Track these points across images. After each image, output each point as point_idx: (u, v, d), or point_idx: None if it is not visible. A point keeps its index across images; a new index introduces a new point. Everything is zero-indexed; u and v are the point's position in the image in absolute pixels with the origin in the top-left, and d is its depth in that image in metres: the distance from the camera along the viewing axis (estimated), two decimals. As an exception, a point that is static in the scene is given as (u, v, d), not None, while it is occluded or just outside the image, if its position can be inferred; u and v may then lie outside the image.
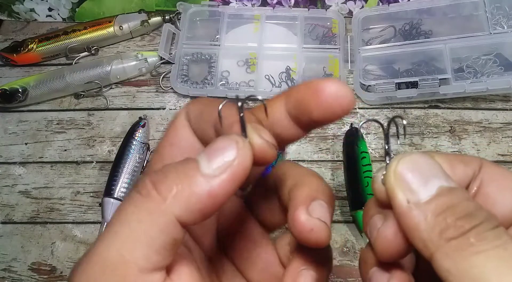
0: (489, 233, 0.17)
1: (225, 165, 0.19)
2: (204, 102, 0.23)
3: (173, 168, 0.19)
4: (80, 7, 0.71)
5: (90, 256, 0.18)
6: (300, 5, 0.68)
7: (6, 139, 0.62)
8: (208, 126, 0.22)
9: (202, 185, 0.18)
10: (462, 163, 0.22)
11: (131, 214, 0.18)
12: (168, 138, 0.23)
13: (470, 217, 0.18)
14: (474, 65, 0.60)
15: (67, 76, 0.63)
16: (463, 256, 0.17)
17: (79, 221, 0.57)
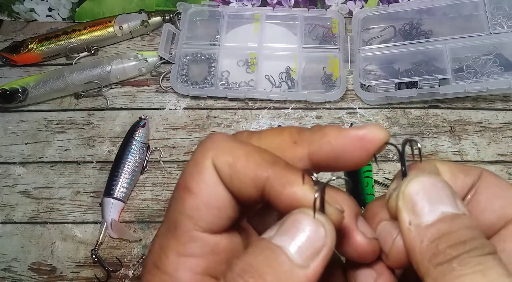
0: (473, 259, 0.18)
1: (316, 251, 0.18)
2: (234, 151, 0.20)
3: (266, 265, 0.18)
4: (80, 7, 0.71)
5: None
6: (300, 5, 0.68)
7: (6, 139, 0.62)
8: (247, 186, 0.20)
9: (302, 280, 0.18)
10: (463, 173, 0.22)
11: None
12: (195, 192, 0.20)
13: (461, 245, 0.18)
14: (474, 65, 0.60)
15: (67, 76, 0.63)
16: (446, 280, 0.18)
17: (79, 221, 0.57)
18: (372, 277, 0.21)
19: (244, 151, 0.20)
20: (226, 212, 0.21)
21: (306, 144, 0.21)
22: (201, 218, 0.21)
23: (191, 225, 0.21)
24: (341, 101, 0.62)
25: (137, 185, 0.58)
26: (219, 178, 0.20)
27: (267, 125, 0.61)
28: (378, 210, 0.22)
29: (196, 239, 0.21)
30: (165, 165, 0.59)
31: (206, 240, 0.21)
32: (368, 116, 0.61)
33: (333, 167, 0.21)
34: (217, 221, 0.21)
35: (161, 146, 0.61)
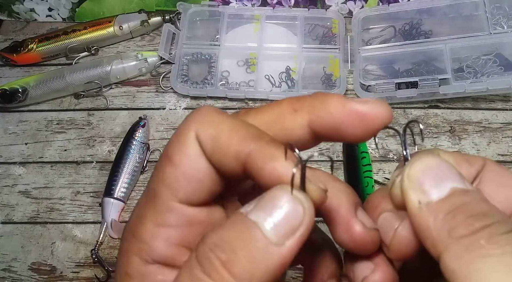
0: (501, 237, 0.16)
1: (292, 229, 0.18)
2: (218, 125, 0.20)
3: (239, 241, 0.17)
4: (80, 7, 0.71)
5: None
6: (300, 5, 0.68)
7: (6, 139, 0.62)
8: (229, 160, 0.19)
9: (275, 258, 0.17)
10: (467, 162, 0.22)
11: None
12: (176, 163, 0.20)
13: (482, 216, 0.17)
14: (474, 65, 0.60)
15: (67, 76, 0.63)
16: (470, 258, 0.16)
17: (79, 221, 0.57)
18: (370, 268, 0.21)
19: (229, 125, 0.20)
20: (207, 185, 0.20)
21: (306, 111, 0.20)
22: (180, 189, 0.20)
23: (169, 195, 0.20)
24: (341, 101, 0.62)
25: (137, 185, 0.58)
26: (201, 150, 0.20)
27: (267, 125, 0.61)
28: (379, 201, 0.21)
29: (173, 210, 0.20)
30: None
31: (183, 211, 0.20)
32: (368, 116, 0.61)
33: (333, 138, 0.21)
34: (196, 194, 0.20)
35: (161, 146, 0.61)
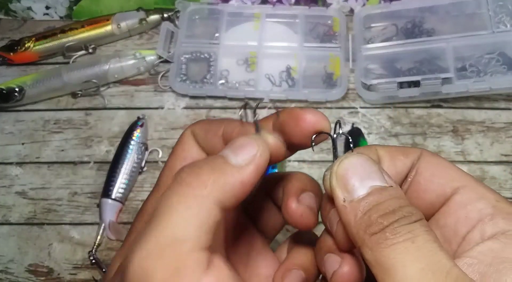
0: (403, 228, 0.20)
1: (250, 158, 0.22)
2: (207, 122, 0.27)
3: (204, 163, 0.22)
4: (78, 5, 0.70)
5: (144, 241, 0.20)
6: (300, 3, 0.67)
7: (3, 139, 0.62)
8: (216, 140, 0.25)
9: (235, 175, 0.22)
10: (403, 154, 0.25)
11: (177, 203, 0.20)
12: (177, 155, 0.27)
13: (391, 214, 0.20)
14: (477, 64, 0.59)
15: (64, 75, 0.62)
16: (379, 249, 0.20)
17: (77, 222, 0.56)
18: (338, 262, 0.24)
19: (212, 120, 0.27)
20: None
21: (274, 116, 0.25)
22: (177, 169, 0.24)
23: (169, 174, 0.26)
24: (342, 101, 0.61)
25: (135, 185, 0.57)
26: (195, 141, 0.26)
27: (267, 125, 0.61)
28: (326, 201, 0.25)
29: None
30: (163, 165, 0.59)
31: None
32: (370, 116, 0.60)
33: (283, 135, 0.24)
34: None
35: (160, 146, 0.60)
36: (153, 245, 0.20)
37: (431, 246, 0.19)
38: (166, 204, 0.21)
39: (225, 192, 0.21)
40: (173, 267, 0.19)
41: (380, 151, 0.25)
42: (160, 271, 0.19)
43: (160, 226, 0.20)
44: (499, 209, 0.22)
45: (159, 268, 0.19)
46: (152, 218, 0.21)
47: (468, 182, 0.23)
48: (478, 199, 0.23)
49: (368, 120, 0.60)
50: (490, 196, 0.23)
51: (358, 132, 0.58)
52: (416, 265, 0.19)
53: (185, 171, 0.21)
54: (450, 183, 0.24)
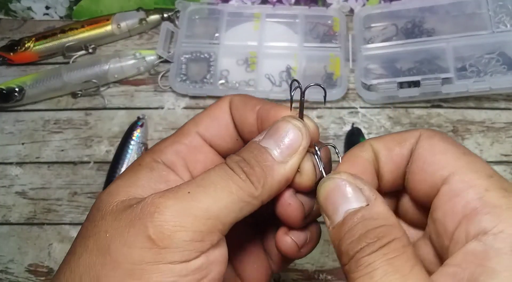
0: (363, 260, 0.20)
1: (294, 151, 0.24)
2: (247, 96, 0.28)
3: (254, 160, 0.23)
4: (78, 5, 0.70)
5: (190, 201, 0.22)
6: (300, 3, 0.67)
7: (3, 139, 0.62)
8: (251, 114, 0.27)
9: (281, 173, 0.23)
10: (399, 144, 0.25)
11: (235, 190, 0.22)
12: (209, 113, 0.28)
13: (355, 243, 0.21)
14: (477, 64, 0.59)
15: (64, 75, 0.62)
16: (350, 279, 0.21)
17: (76, 222, 0.56)
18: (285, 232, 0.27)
19: (251, 96, 0.28)
20: (224, 133, 0.27)
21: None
22: (202, 123, 0.27)
23: (192, 125, 0.27)
24: (342, 101, 0.61)
25: (135, 185, 0.57)
26: (229, 109, 0.28)
27: (267, 125, 0.61)
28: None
29: (190, 134, 0.27)
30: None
31: (196, 138, 0.27)
32: (370, 116, 0.60)
33: None
34: (215, 135, 0.27)
35: (160, 146, 0.60)
36: (185, 209, 0.21)
37: (385, 280, 0.19)
38: (224, 184, 0.23)
39: (272, 192, 0.23)
40: (200, 235, 0.21)
41: (375, 145, 0.25)
42: (172, 221, 0.21)
43: (202, 196, 0.22)
44: (486, 200, 0.21)
45: (188, 229, 0.21)
46: (192, 183, 0.23)
47: (459, 168, 0.22)
48: (465, 189, 0.21)
49: (368, 120, 0.60)
50: (479, 183, 0.21)
51: (358, 132, 0.58)
52: None
53: (239, 166, 0.23)
54: (441, 171, 0.22)
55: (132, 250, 0.21)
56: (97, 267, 0.21)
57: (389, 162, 0.24)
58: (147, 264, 0.20)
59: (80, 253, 0.22)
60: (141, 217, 0.21)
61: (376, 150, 0.25)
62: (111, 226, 0.22)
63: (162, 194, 0.22)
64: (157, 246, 0.21)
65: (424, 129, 0.24)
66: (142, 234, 0.21)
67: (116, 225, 0.22)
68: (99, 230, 0.22)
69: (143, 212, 0.21)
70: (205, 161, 0.27)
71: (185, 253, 0.21)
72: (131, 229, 0.21)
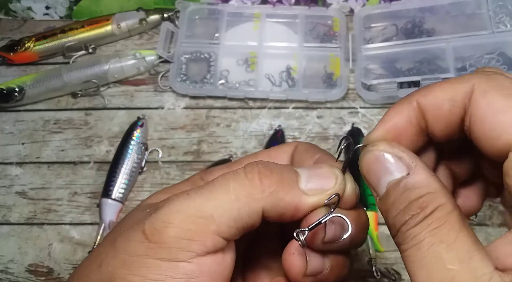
0: (409, 232, 0.20)
1: (319, 190, 0.23)
2: (312, 144, 0.28)
3: (278, 169, 0.23)
4: (78, 5, 0.70)
5: (184, 200, 0.22)
6: (300, 3, 0.67)
7: (3, 139, 0.62)
8: (309, 161, 0.27)
9: (295, 197, 0.22)
10: (449, 101, 0.21)
11: (232, 189, 0.22)
12: (270, 153, 0.28)
13: (401, 215, 0.20)
14: (477, 64, 0.59)
15: (64, 75, 0.62)
16: (400, 251, 0.20)
17: (77, 222, 0.56)
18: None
19: (314, 146, 0.29)
20: None
21: None
22: None
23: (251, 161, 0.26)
24: (342, 101, 0.61)
25: (135, 185, 0.57)
26: (291, 154, 0.28)
27: (267, 125, 0.61)
28: None
29: None
30: (163, 165, 0.59)
31: None
32: (370, 116, 0.61)
33: None
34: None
35: (160, 146, 0.60)
36: (188, 210, 0.22)
37: (432, 251, 0.19)
38: (221, 185, 0.22)
39: (276, 206, 0.22)
40: (189, 233, 0.21)
41: (422, 101, 0.22)
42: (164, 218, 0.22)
43: (204, 199, 0.22)
44: None
45: (176, 225, 0.21)
46: (205, 185, 0.23)
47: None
48: None
49: (368, 120, 0.60)
50: None
51: (358, 132, 0.58)
52: (423, 275, 0.18)
53: (257, 166, 0.23)
54: (506, 136, 0.19)
55: (130, 243, 0.22)
56: (102, 255, 0.23)
57: (439, 121, 0.22)
58: (138, 256, 0.22)
59: (102, 244, 0.24)
60: (145, 216, 0.23)
61: (423, 108, 0.22)
62: (126, 222, 0.24)
63: (168, 198, 0.23)
64: (148, 241, 0.22)
65: (478, 79, 0.21)
66: (139, 228, 0.22)
67: (127, 221, 0.24)
68: (119, 225, 0.25)
69: (148, 213, 0.23)
70: None
71: (172, 250, 0.21)
72: (135, 225, 0.23)
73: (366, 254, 0.50)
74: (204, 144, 0.60)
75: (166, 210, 0.22)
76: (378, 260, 0.50)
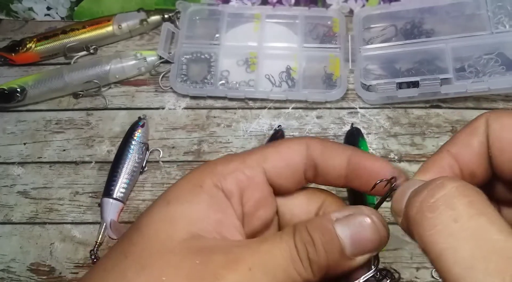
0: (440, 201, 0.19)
1: (365, 250, 0.22)
2: (326, 139, 0.27)
3: (323, 249, 0.22)
4: (79, 6, 0.70)
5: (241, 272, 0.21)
6: (300, 4, 0.67)
7: (5, 140, 0.62)
8: (339, 160, 0.26)
9: (344, 267, 0.22)
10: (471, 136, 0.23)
11: (288, 272, 0.22)
12: (281, 151, 0.26)
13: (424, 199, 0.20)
14: (475, 64, 0.60)
15: (65, 75, 0.63)
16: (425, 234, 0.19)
17: (78, 221, 0.56)
18: None
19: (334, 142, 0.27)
20: (292, 177, 0.26)
21: None
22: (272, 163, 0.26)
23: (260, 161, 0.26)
24: (342, 101, 0.62)
25: (136, 185, 0.58)
26: (305, 155, 0.26)
27: (267, 125, 0.61)
28: None
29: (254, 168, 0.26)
30: (164, 165, 0.59)
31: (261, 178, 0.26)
32: (369, 116, 0.61)
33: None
34: (280, 178, 0.26)
35: (161, 146, 0.60)
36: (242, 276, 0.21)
37: (474, 222, 0.18)
38: (274, 262, 0.22)
39: (324, 279, 0.22)
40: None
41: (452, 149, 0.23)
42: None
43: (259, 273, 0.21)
44: None
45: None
46: (256, 257, 0.22)
47: None
48: None
49: (367, 120, 0.61)
50: None
51: (357, 132, 0.58)
52: (468, 248, 0.17)
53: (303, 245, 0.22)
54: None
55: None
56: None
57: (472, 157, 0.23)
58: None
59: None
60: (201, 280, 0.21)
61: (455, 155, 0.23)
62: (170, 272, 0.21)
63: (225, 264, 0.21)
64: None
65: (489, 113, 0.23)
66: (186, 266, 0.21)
67: (175, 273, 0.21)
68: (156, 267, 0.21)
69: (204, 276, 0.21)
70: (259, 200, 0.26)
71: None
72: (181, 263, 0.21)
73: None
74: (204, 144, 0.60)
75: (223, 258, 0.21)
76: (377, 259, 0.50)
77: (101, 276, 0.22)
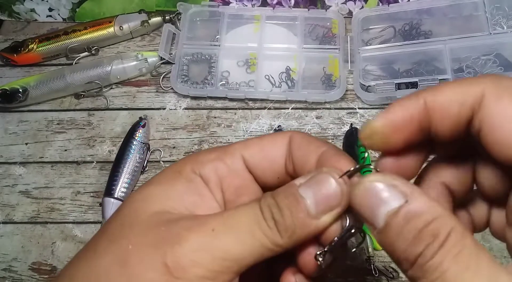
0: (429, 264, 0.18)
1: (329, 208, 0.22)
2: (309, 135, 0.27)
3: (287, 210, 0.22)
4: (81, 7, 0.71)
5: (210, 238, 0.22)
6: (300, 6, 0.68)
7: (7, 140, 0.63)
8: (313, 155, 0.25)
9: (311, 228, 0.22)
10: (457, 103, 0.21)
11: (257, 235, 0.22)
12: (262, 143, 0.27)
13: (413, 247, 0.19)
14: (474, 65, 0.60)
15: (67, 76, 0.63)
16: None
17: (80, 221, 0.57)
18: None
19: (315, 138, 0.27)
20: (271, 169, 0.27)
21: None
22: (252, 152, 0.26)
23: (241, 149, 0.27)
24: (341, 102, 0.62)
25: (137, 185, 0.58)
26: (288, 146, 0.26)
27: (267, 125, 0.61)
28: None
29: (234, 157, 0.26)
30: (165, 165, 0.59)
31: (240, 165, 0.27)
32: (368, 116, 0.61)
33: None
34: (260, 169, 0.26)
35: (161, 146, 0.61)
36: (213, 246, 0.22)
37: (460, 280, 0.18)
38: (247, 222, 0.22)
39: (296, 241, 0.23)
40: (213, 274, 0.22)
41: (430, 99, 0.21)
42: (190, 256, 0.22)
43: (229, 237, 0.22)
44: None
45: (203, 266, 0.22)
46: (219, 219, 0.23)
47: None
48: None
49: (366, 120, 0.61)
50: None
51: (357, 132, 0.59)
52: None
53: (268, 208, 0.22)
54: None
55: (147, 270, 0.22)
56: (113, 274, 0.22)
57: (446, 121, 0.21)
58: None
59: (101, 254, 0.23)
60: (165, 243, 0.22)
61: (430, 107, 0.21)
62: (137, 240, 0.23)
63: (189, 227, 0.22)
64: (171, 274, 0.21)
65: (489, 83, 0.20)
66: (160, 258, 0.22)
67: (140, 241, 0.22)
68: (124, 238, 0.23)
69: (168, 239, 0.22)
70: (240, 186, 0.26)
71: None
72: (152, 249, 0.22)
73: (364, 252, 0.51)
74: (205, 144, 0.60)
75: (193, 246, 0.22)
76: (376, 258, 0.51)
77: (78, 255, 0.24)
